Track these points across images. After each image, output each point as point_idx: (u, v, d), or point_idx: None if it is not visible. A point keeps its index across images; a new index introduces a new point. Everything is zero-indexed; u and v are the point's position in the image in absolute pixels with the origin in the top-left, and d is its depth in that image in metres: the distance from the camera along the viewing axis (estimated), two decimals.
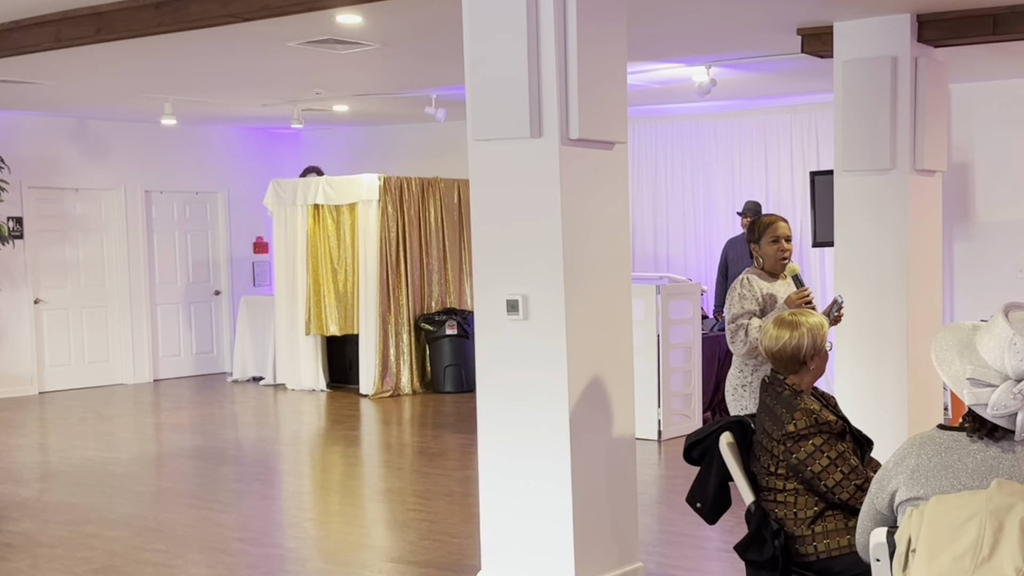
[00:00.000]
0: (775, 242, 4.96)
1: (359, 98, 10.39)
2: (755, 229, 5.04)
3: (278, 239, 11.86)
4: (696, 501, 4.18)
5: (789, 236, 4.96)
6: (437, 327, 11.28)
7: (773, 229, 4.97)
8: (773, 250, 4.96)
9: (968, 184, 9.54)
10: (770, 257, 4.98)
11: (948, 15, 6.39)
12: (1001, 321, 2.79)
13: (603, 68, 4.55)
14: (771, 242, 4.97)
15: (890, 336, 6.59)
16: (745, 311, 4.85)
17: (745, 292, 4.89)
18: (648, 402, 8.50)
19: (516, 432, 4.69)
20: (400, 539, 6.09)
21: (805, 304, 4.77)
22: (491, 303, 4.70)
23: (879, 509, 2.98)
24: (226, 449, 8.66)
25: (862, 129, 6.52)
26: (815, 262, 10.48)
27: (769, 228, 4.98)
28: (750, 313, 4.85)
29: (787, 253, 4.95)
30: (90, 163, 12.03)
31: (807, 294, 4.82)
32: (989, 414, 2.76)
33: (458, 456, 8.27)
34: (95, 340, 12.17)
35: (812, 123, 10.51)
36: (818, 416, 3.79)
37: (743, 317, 4.85)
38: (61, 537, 6.15)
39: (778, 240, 4.95)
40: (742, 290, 4.91)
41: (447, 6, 5.89)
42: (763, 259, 5.02)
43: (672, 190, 11.40)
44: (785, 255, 4.96)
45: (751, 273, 4.98)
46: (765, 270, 5.02)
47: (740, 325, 4.85)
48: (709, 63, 8.20)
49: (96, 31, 6.15)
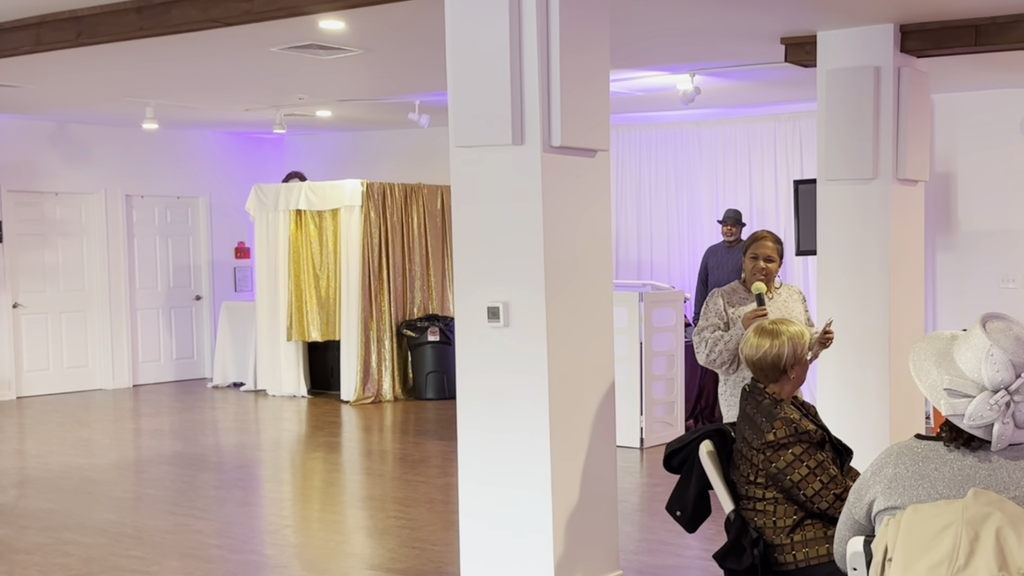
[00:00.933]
0: (754, 259, 5.06)
1: (342, 103, 10.37)
2: (746, 242, 5.16)
3: (260, 244, 11.82)
4: (676, 509, 4.17)
5: (770, 256, 5.02)
6: (419, 333, 11.25)
7: (756, 246, 5.06)
8: (751, 266, 5.07)
9: (950, 194, 9.58)
10: (747, 271, 5.09)
11: (931, 26, 6.42)
12: (979, 332, 2.79)
13: (586, 76, 4.55)
14: (751, 258, 5.07)
15: (872, 345, 6.60)
16: (707, 325, 5.03)
17: (710, 308, 5.08)
18: (631, 410, 8.50)
19: (496, 439, 4.68)
20: (380, 546, 6.06)
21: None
22: (472, 310, 4.69)
23: (857, 518, 2.98)
24: (206, 455, 8.61)
25: (845, 138, 6.54)
26: (798, 270, 10.51)
27: (753, 244, 5.07)
28: (713, 326, 5.01)
29: (762, 272, 5.01)
30: (70, 167, 11.97)
31: (762, 313, 4.84)
32: (966, 424, 2.76)
33: (439, 463, 8.24)
34: (74, 345, 12.09)
35: (796, 132, 10.54)
36: (798, 426, 3.79)
37: (706, 331, 5.02)
38: (38, 543, 6.10)
39: (757, 258, 5.04)
40: (709, 305, 5.09)
41: (430, 12, 5.88)
42: (744, 271, 5.13)
43: (656, 198, 11.41)
44: (760, 274, 5.02)
45: (723, 291, 5.12)
46: (745, 282, 5.12)
47: (702, 338, 5.02)
48: (693, 71, 8.21)
49: (77, 35, 6.12)
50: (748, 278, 5.07)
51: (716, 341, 4.94)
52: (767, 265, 5.01)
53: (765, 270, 5.01)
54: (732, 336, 4.92)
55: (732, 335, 4.93)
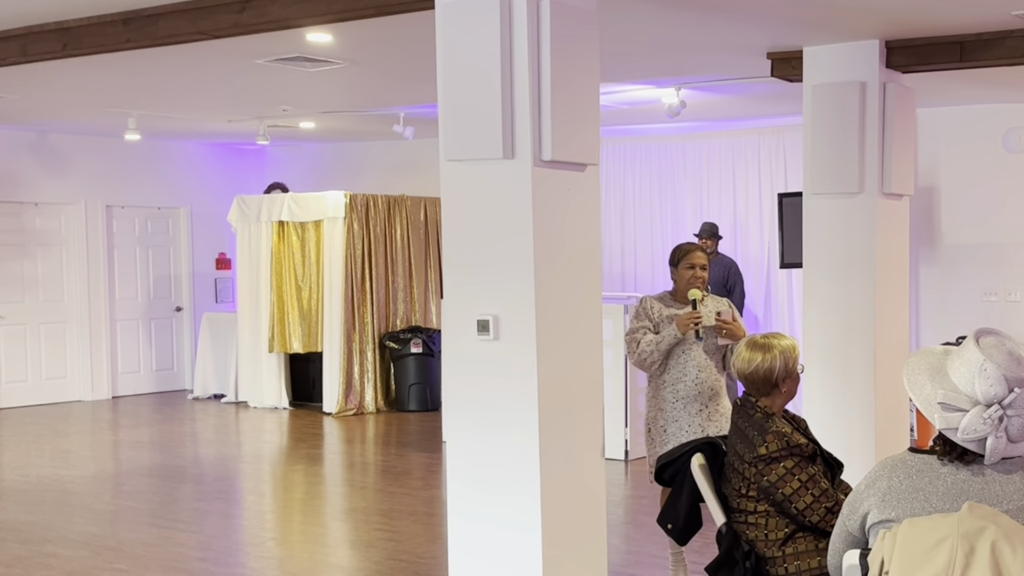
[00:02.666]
0: (690, 268, 5.35)
1: (326, 115, 10.35)
2: (675, 254, 5.44)
3: (242, 255, 11.77)
4: (667, 522, 4.19)
5: (704, 265, 5.36)
6: (402, 345, 11.23)
7: (690, 257, 5.37)
8: (687, 275, 5.35)
9: (934, 208, 9.64)
10: (682, 281, 5.37)
11: (916, 42, 6.47)
12: (972, 346, 2.81)
13: (576, 90, 4.56)
14: (687, 268, 5.36)
15: (857, 358, 6.63)
16: (640, 327, 5.32)
17: (640, 311, 5.38)
18: (615, 422, 8.50)
19: (485, 453, 4.66)
20: (365, 559, 6.04)
21: (693, 325, 5.20)
22: (461, 323, 4.68)
23: (851, 531, 2.99)
24: (186, 467, 8.56)
25: (831, 153, 6.57)
26: (783, 283, 10.55)
27: (687, 256, 5.38)
28: (644, 328, 5.32)
29: (697, 280, 5.33)
30: (50, 177, 11.90)
31: (696, 316, 5.21)
32: (959, 438, 2.78)
33: (422, 475, 8.22)
34: (53, 356, 12.00)
35: (780, 145, 10.60)
36: (789, 439, 3.80)
37: (638, 332, 5.31)
38: (19, 556, 6.04)
39: (693, 267, 5.35)
40: (639, 308, 5.39)
41: (417, 25, 5.88)
42: (677, 282, 5.41)
43: (640, 210, 11.44)
44: (695, 282, 5.34)
45: (653, 296, 5.45)
46: (674, 293, 5.41)
47: (634, 339, 5.31)
48: (679, 85, 8.24)
49: (63, 46, 6.08)
50: (683, 286, 5.36)
51: (648, 343, 5.25)
52: (702, 273, 5.34)
53: (700, 278, 5.33)
54: (664, 337, 5.24)
55: (663, 336, 5.24)
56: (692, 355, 5.29)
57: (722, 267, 9.75)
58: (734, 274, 9.84)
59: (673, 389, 5.31)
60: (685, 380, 5.30)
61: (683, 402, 5.31)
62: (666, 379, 5.33)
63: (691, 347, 5.30)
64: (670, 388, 5.30)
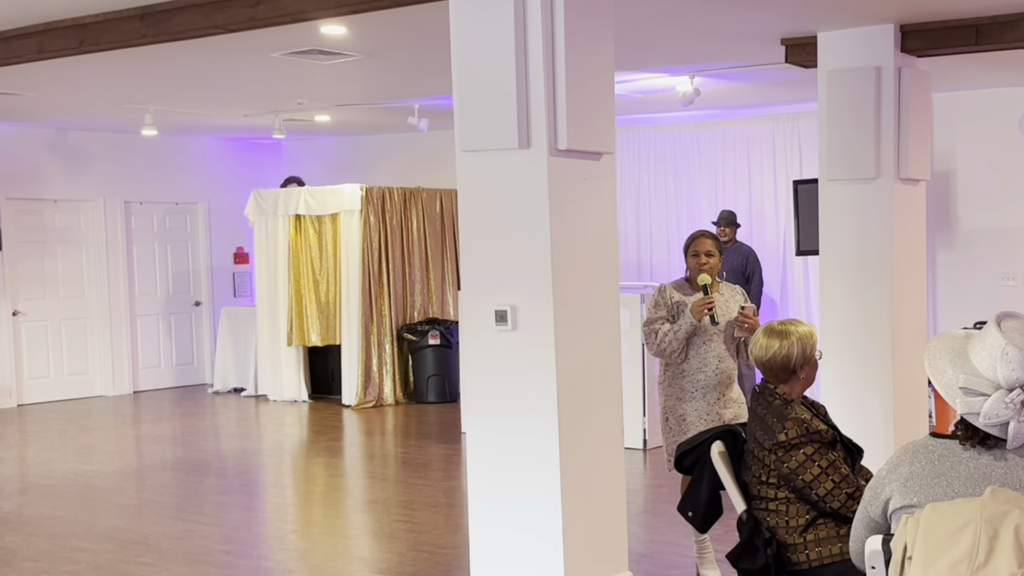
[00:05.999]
0: (695, 256, 5.40)
1: (341, 108, 10.37)
2: (685, 242, 5.53)
3: (259, 250, 11.82)
4: (688, 510, 4.19)
5: (710, 251, 5.40)
6: (420, 337, 11.25)
7: (696, 244, 5.43)
8: (694, 263, 5.40)
9: (950, 192, 9.61)
10: (692, 269, 5.42)
11: (931, 26, 6.44)
12: (993, 330, 2.80)
13: (591, 79, 4.56)
14: (692, 255, 5.42)
15: (875, 344, 6.62)
16: (657, 317, 5.35)
17: (658, 299, 5.41)
18: (633, 411, 8.50)
19: (505, 443, 4.68)
20: (387, 550, 6.07)
21: (707, 310, 5.21)
22: (479, 313, 4.70)
23: (873, 517, 2.99)
24: (209, 461, 8.61)
25: (846, 139, 6.55)
26: (799, 271, 10.53)
27: (693, 243, 5.44)
28: (662, 319, 5.32)
29: (705, 266, 5.38)
30: (69, 174, 11.96)
31: (708, 301, 5.23)
32: (981, 423, 2.77)
33: (442, 466, 8.25)
34: (74, 352, 12.08)
35: (795, 132, 10.56)
36: (809, 425, 3.80)
37: (656, 322, 5.33)
38: (45, 551, 6.10)
39: (698, 255, 5.40)
40: (657, 297, 5.42)
41: (431, 17, 5.89)
42: (688, 270, 5.47)
43: (655, 199, 11.43)
44: (703, 267, 5.38)
45: (669, 284, 5.49)
46: (689, 280, 5.45)
47: (652, 329, 5.34)
48: (693, 73, 8.22)
49: (79, 43, 6.11)
50: (693, 273, 5.40)
51: (666, 332, 5.28)
52: (708, 259, 5.37)
53: (707, 264, 5.36)
54: (681, 326, 5.26)
55: (680, 325, 5.26)
56: (712, 346, 5.30)
57: (740, 255, 9.73)
58: (752, 262, 9.81)
59: (693, 379, 5.32)
60: (705, 370, 5.30)
61: (702, 391, 5.32)
62: (686, 368, 5.34)
63: (711, 338, 5.30)
64: (690, 378, 5.31)
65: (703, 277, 5.32)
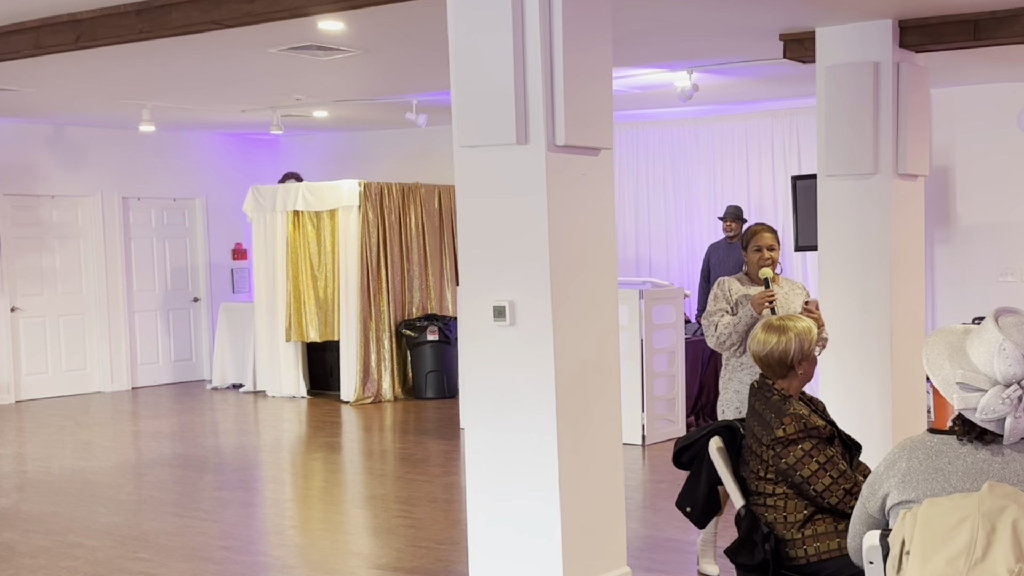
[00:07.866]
0: (758, 251, 5.36)
1: (339, 104, 10.36)
2: (743, 237, 5.50)
3: (258, 245, 11.81)
4: (686, 505, 4.20)
5: (771, 245, 5.36)
6: (418, 333, 11.25)
7: (757, 239, 5.38)
8: (756, 258, 5.36)
9: (949, 188, 9.60)
10: (753, 264, 5.37)
11: (929, 21, 6.43)
12: (991, 326, 2.80)
13: (589, 74, 4.56)
14: (755, 250, 5.37)
15: (874, 340, 6.62)
16: (717, 309, 5.30)
17: (719, 292, 5.36)
18: (632, 407, 8.51)
19: (503, 438, 4.68)
20: (386, 546, 6.07)
21: (768, 303, 5.15)
22: (477, 309, 4.69)
23: (871, 512, 2.99)
24: (207, 457, 8.61)
25: (845, 134, 6.55)
26: (797, 266, 10.52)
27: (754, 238, 5.40)
28: (721, 311, 5.29)
29: (767, 260, 5.33)
30: (67, 170, 11.95)
31: (770, 295, 5.18)
32: (978, 418, 2.77)
33: (441, 462, 8.25)
34: (72, 348, 12.08)
35: (793, 128, 10.56)
36: (807, 421, 3.80)
37: (716, 315, 5.28)
38: (43, 547, 6.10)
39: (760, 249, 5.36)
40: (716, 290, 5.38)
41: (429, 12, 5.88)
42: (748, 265, 5.40)
43: (654, 195, 11.43)
44: (765, 262, 5.33)
45: (731, 277, 5.44)
46: (749, 275, 5.40)
47: (712, 322, 5.29)
48: (691, 68, 8.22)
49: (76, 38, 6.10)
50: (754, 268, 5.35)
51: (726, 324, 5.21)
52: (770, 254, 5.33)
53: (769, 259, 5.32)
54: (740, 318, 5.19)
55: (740, 317, 5.19)
56: None
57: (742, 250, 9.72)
58: None
59: (751, 371, 5.23)
60: None
61: None
62: (744, 362, 5.26)
63: None
64: (748, 371, 5.24)
65: (765, 271, 5.29)
